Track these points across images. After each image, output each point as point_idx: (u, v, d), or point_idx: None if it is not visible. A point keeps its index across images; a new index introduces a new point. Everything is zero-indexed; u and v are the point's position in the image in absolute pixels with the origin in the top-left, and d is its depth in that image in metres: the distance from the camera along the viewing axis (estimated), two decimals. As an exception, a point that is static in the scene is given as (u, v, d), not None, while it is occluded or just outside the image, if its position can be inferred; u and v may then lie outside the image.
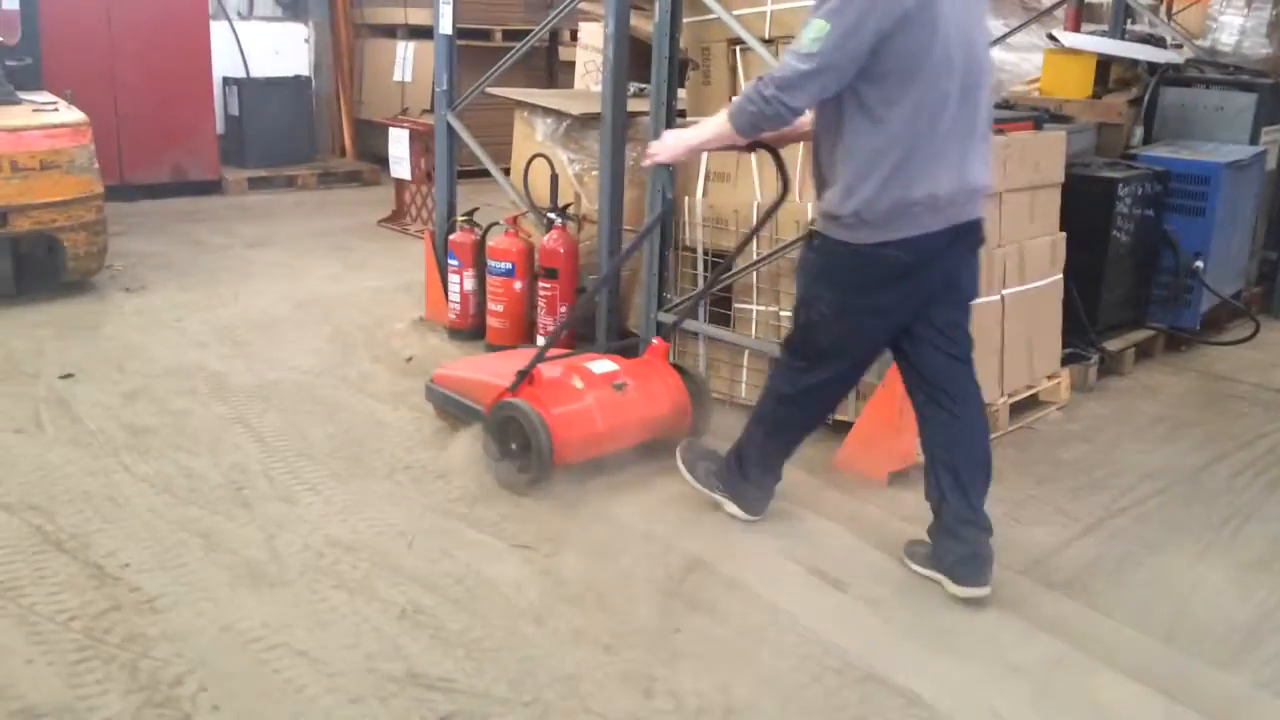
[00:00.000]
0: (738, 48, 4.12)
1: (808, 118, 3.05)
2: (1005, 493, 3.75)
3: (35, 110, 5.40)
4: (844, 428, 3.93)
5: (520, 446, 3.53)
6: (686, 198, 4.35)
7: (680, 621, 2.90)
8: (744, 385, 4.30)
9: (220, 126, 8.58)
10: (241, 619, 2.81)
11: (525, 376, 3.57)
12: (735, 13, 4.03)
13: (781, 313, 4.16)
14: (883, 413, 3.72)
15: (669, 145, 3.27)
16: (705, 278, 4.31)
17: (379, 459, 3.80)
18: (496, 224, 4.99)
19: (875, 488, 3.71)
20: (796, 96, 2.82)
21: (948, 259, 2.96)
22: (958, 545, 3.04)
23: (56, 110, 5.46)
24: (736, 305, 4.28)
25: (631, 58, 4.45)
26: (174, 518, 3.32)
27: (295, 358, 4.79)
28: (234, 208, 8.02)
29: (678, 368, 3.95)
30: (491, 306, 4.88)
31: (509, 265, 4.81)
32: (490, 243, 4.92)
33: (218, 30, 8.42)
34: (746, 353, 4.27)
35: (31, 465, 3.63)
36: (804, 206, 4.03)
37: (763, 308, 4.22)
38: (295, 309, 5.48)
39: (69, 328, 5.02)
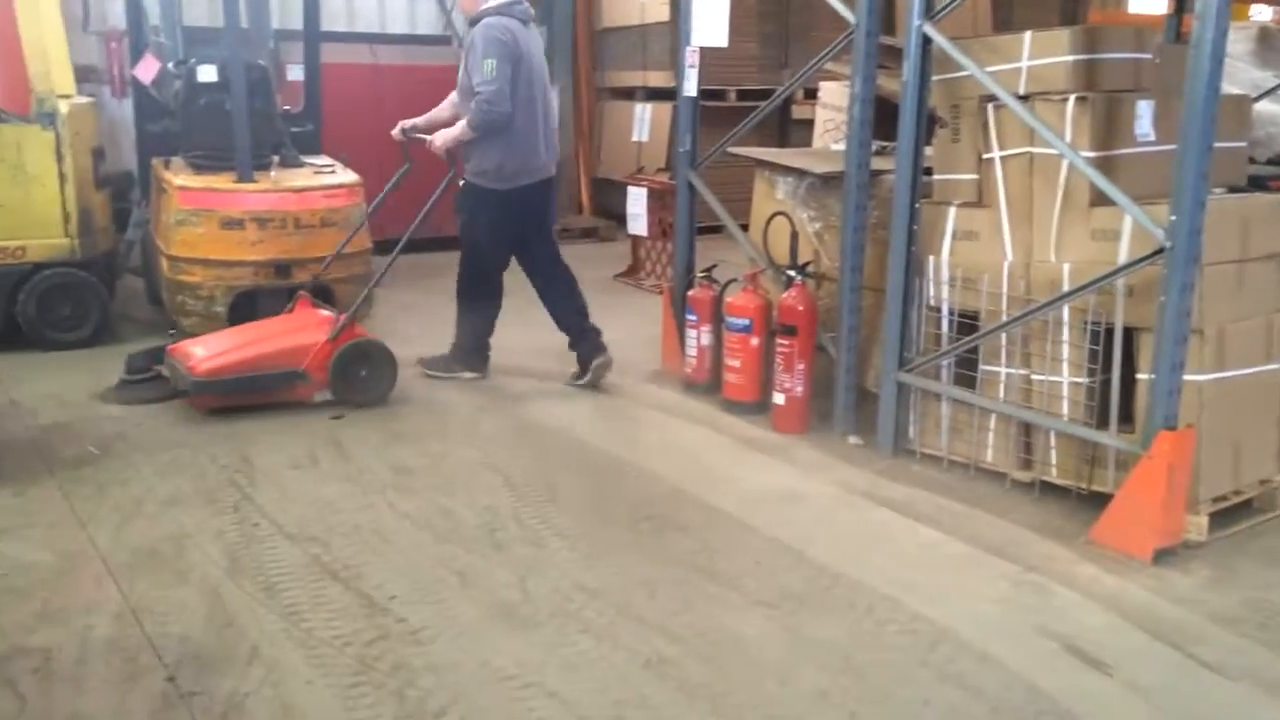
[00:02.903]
0: (990, 104, 4.04)
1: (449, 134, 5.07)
2: None
3: (316, 172, 5.92)
4: (1101, 499, 3.73)
5: (369, 372, 4.94)
6: (931, 256, 4.28)
7: (929, 693, 2.81)
8: (990, 449, 4.16)
9: (470, 185, 9.09)
10: (496, 656, 2.93)
11: (345, 328, 4.92)
12: (989, 69, 3.96)
13: (1034, 375, 4.01)
14: (1148, 485, 3.50)
15: (442, 142, 5.07)
16: (951, 338, 4.22)
17: (621, 509, 3.90)
18: (735, 280, 5.06)
19: (1138, 565, 3.49)
20: (499, 104, 4.85)
21: (541, 199, 5.21)
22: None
23: (334, 172, 5.96)
24: (983, 367, 4.16)
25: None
26: (434, 554, 3.52)
27: (538, 407, 4.99)
28: (480, 262, 8.43)
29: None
30: (728, 362, 4.94)
31: (747, 321, 4.85)
32: (728, 299, 4.99)
33: (471, 96, 8.97)
34: (994, 416, 4.13)
35: (308, 499, 3.93)
36: (1059, 266, 3.90)
37: (1012, 370, 4.08)
38: (536, 358, 5.70)
39: (338, 372, 5.40)
